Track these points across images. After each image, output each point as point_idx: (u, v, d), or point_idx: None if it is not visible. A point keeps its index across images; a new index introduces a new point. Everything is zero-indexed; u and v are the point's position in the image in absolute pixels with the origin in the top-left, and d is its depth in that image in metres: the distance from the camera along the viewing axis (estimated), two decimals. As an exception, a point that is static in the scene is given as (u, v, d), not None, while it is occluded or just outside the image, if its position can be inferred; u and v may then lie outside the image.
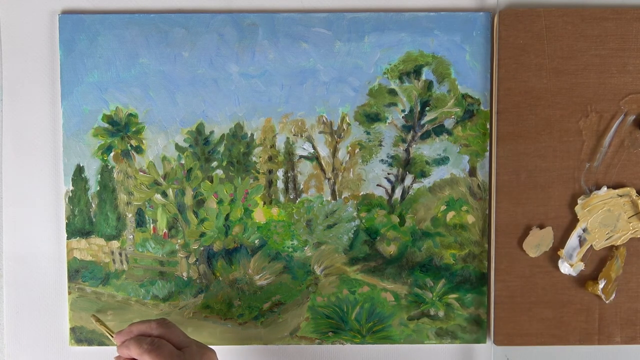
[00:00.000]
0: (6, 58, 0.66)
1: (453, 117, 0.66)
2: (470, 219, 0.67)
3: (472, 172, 0.67)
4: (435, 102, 0.66)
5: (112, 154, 0.67)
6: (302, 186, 0.67)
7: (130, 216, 0.67)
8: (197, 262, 0.67)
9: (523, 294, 0.66)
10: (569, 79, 0.65)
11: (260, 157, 0.67)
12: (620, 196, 0.65)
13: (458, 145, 0.67)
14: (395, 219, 0.67)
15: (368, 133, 0.67)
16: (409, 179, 0.67)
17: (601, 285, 0.65)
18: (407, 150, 0.67)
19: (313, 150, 0.67)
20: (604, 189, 0.65)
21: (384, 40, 0.66)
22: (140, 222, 0.67)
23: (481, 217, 0.67)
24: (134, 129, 0.66)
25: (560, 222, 0.66)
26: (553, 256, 0.66)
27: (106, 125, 0.66)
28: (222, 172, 0.67)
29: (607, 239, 0.65)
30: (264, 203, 0.67)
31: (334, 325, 0.68)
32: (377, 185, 0.67)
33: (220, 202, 0.67)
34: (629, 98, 0.65)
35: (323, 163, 0.67)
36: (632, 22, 0.64)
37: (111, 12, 0.66)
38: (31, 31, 0.66)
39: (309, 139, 0.67)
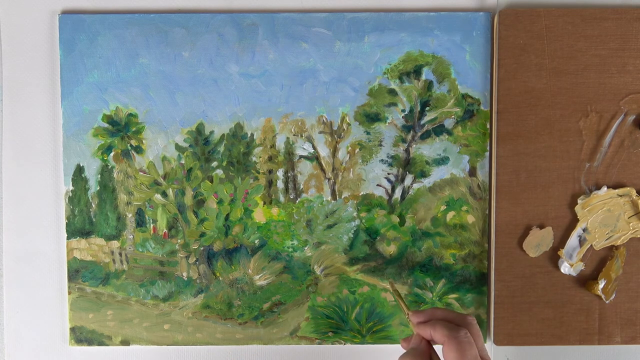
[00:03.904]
0: (6, 58, 0.66)
1: (453, 117, 0.66)
2: (470, 219, 0.67)
3: (472, 172, 0.67)
4: (435, 102, 0.66)
5: (112, 154, 0.67)
6: (302, 186, 0.67)
7: (130, 216, 0.67)
8: (197, 262, 0.67)
9: (523, 294, 0.66)
10: (569, 79, 0.65)
11: (260, 157, 0.67)
12: (620, 196, 0.65)
13: (458, 145, 0.67)
14: (395, 219, 0.67)
15: (368, 133, 0.67)
16: (409, 179, 0.67)
17: (601, 285, 0.65)
18: (407, 150, 0.67)
19: (313, 150, 0.67)
20: (604, 189, 0.65)
21: (384, 40, 0.66)
22: (140, 222, 0.67)
23: (481, 217, 0.67)
24: (134, 129, 0.66)
25: (560, 222, 0.66)
26: (553, 256, 0.66)
27: (106, 125, 0.66)
28: (222, 172, 0.67)
29: (607, 239, 0.65)
30: (264, 203, 0.67)
31: (334, 325, 0.68)
32: (377, 185, 0.67)
33: (220, 202, 0.67)
34: (629, 98, 0.65)
35: (323, 163, 0.67)
36: (632, 22, 0.64)
37: (111, 12, 0.66)
38: (31, 31, 0.66)
39: (309, 139, 0.67)
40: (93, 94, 0.66)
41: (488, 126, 0.66)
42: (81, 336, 0.67)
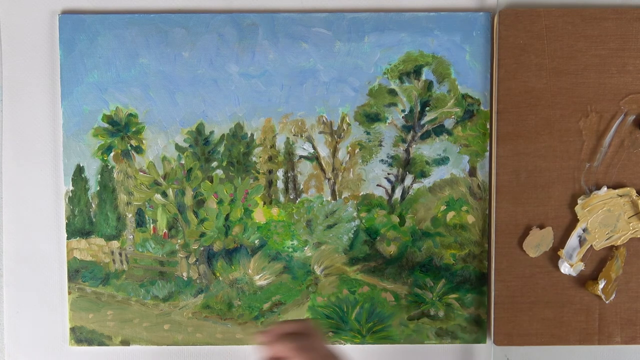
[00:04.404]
0: (6, 58, 0.66)
1: (453, 117, 0.66)
2: (470, 219, 0.67)
3: (472, 172, 0.67)
4: (435, 102, 0.66)
5: (112, 154, 0.67)
6: (302, 186, 0.67)
7: (130, 216, 0.67)
8: (197, 262, 0.67)
9: (523, 294, 0.66)
10: (569, 79, 0.65)
11: (260, 157, 0.67)
12: (620, 196, 0.65)
13: (458, 145, 0.67)
14: (395, 219, 0.67)
15: (368, 133, 0.67)
16: (409, 179, 0.67)
17: (601, 285, 0.65)
18: (407, 150, 0.67)
19: (313, 150, 0.67)
20: (604, 189, 0.65)
21: (384, 40, 0.66)
22: (140, 222, 0.67)
23: (481, 217, 0.67)
24: (134, 129, 0.66)
25: (560, 222, 0.66)
26: (553, 256, 0.66)
27: (106, 125, 0.66)
28: (222, 172, 0.67)
29: (607, 239, 0.65)
30: (264, 203, 0.67)
31: (334, 325, 0.68)
32: (377, 185, 0.67)
33: (220, 202, 0.67)
34: (629, 98, 0.65)
35: (323, 163, 0.67)
36: (632, 22, 0.64)
37: (111, 12, 0.66)
38: (31, 31, 0.66)
39: (309, 139, 0.67)
40: (93, 94, 0.66)
41: (488, 126, 0.66)
42: (81, 336, 0.67)
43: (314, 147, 0.67)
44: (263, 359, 0.53)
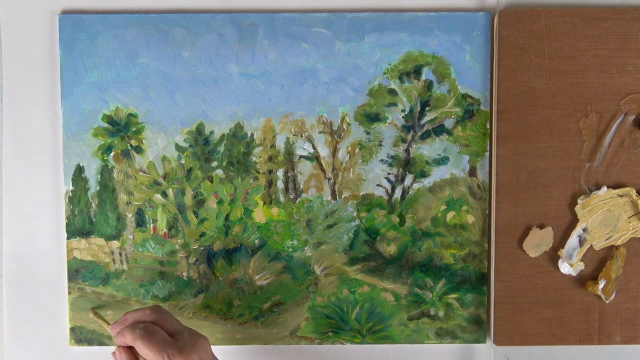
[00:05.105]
0: (6, 58, 0.66)
1: (453, 117, 0.66)
2: (470, 219, 0.67)
3: (472, 172, 0.67)
4: (435, 102, 0.66)
5: (112, 154, 0.67)
6: (302, 186, 0.67)
7: (130, 216, 0.67)
8: (197, 262, 0.67)
9: (523, 294, 0.66)
10: (569, 79, 0.65)
11: (260, 157, 0.67)
12: (620, 196, 0.65)
13: (458, 145, 0.67)
14: (395, 219, 0.67)
15: (368, 133, 0.67)
16: (409, 179, 0.67)
17: (601, 285, 0.65)
18: (407, 150, 0.67)
19: (313, 150, 0.67)
20: (604, 189, 0.65)
21: (384, 40, 0.66)
22: (140, 222, 0.67)
23: (481, 217, 0.67)
24: (134, 129, 0.66)
25: (560, 222, 0.66)
26: (553, 256, 0.66)
27: (106, 125, 0.66)
28: (222, 172, 0.67)
29: (607, 239, 0.65)
30: (264, 203, 0.67)
31: (334, 325, 0.68)
32: (377, 185, 0.67)
33: (220, 202, 0.67)
34: (629, 98, 0.65)
35: (323, 163, 0.67)
36: (632, 22, 0.64)
37: (111, 12, 0.66)
38: (31, 31, 0.66)
39: (309, 139, 0.67)
40: (93, 94, 0.66)
41: (488, 126, 0.66)
42: (81, 336, 0.67)
43: (314, 147, 0.67)
44: (116, 350, 0.56)
